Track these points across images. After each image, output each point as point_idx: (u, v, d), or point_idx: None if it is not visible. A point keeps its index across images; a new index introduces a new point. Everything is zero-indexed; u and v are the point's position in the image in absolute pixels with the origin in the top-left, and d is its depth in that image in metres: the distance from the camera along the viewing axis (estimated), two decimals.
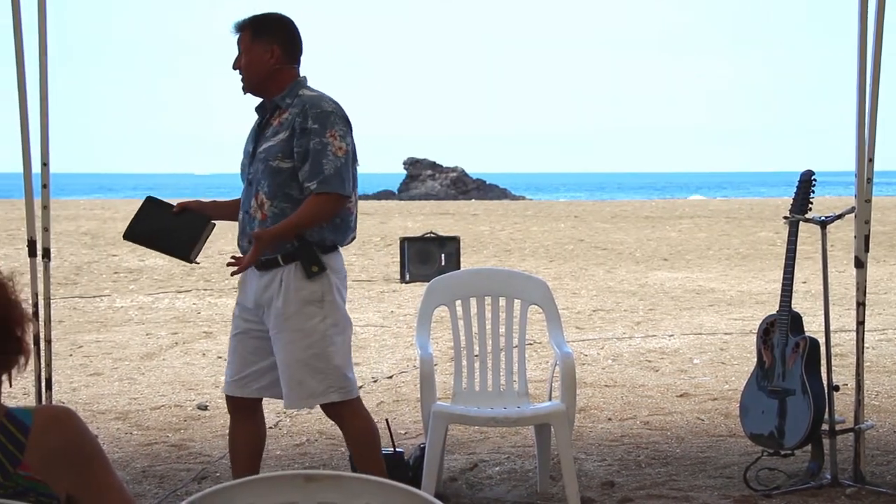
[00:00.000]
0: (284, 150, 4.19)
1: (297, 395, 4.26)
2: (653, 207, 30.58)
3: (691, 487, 5.13)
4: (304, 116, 4.18)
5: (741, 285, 13.44)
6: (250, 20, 4.30)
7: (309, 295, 4.20)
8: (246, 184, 4.32)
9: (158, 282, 13.70)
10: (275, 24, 4.31)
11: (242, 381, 4.37)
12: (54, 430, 2.28)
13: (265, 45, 4.26)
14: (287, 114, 4.23)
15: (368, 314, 11.06)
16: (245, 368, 4.35)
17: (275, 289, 4.22)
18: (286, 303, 4.20)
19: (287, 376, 4.24)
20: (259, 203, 4.23)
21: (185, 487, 5.20)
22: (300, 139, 4.17)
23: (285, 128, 4.21)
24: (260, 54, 4.26)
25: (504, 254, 17.85)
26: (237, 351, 4.38)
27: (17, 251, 16.20)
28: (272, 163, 4.20)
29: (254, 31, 4.27)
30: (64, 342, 9.13)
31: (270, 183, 4.21)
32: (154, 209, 4.44)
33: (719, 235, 20.95)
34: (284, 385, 4.26)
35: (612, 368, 8.16)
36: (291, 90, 4.27)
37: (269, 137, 4.25)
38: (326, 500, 2.14)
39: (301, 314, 4.20)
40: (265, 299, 4.25)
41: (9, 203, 30.07)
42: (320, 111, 4.18)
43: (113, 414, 6.74)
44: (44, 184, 5.00)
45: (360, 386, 7.54)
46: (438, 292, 5.17)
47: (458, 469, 5.45)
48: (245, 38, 4.29)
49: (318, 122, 4.16)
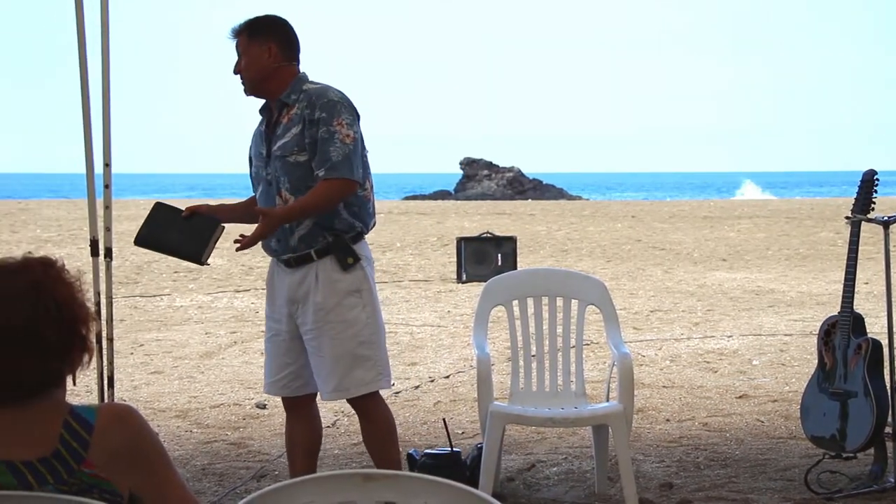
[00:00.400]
0: (299, 144, 4.25)
1: (346, 386, 4.29)
2: (711, 207, 30.31)
3: (751, 490, 5.08)
4: (311, 108, 4.24)
5: (801, 286, 13.28)
6: (245, 23, 4.37)
7: (348, 286, 4.26)
8: (265, 185, 4.35)
9: (217, 281, 13.82)
10: (270, 25, 4.37)
11: (281, 383, 4.43)
12: (118, 428, 2.30)
13: (262, 45, 4.32)
14: (295, 109, 4.29)
15: (425, 314, 11.07)
16: (281, 371, 4.41)
17: (310, 283, 4.27)
18: (326, 296, 4.25)
19: (335, 368, 4.27)
20: (284, 200, 4.27)
21: (244, 486, 5.25)
22: (310, 130, 4.23)
23: (296, 123, 4.27)
24: (258, 55, 4.31)
25: (561, 254, 17.79)
26: (272, 353, 4.44)
27: (79, 250, 16.42)
28: (289, 158, 4.26)
29: (249, 33, 4.33)
30: (125, 341, 9.25)
31: (291, 178, 4.26)
32: (164, 214, 4.50)
33: (779, 235, 20.73)
34: (332, 377, 4.28)
35: (670, 369, 8.10)
36: (295, 86, 4.32)
37: (281, 135, 4.29)
38: (384, 499, 2.15)
39: (342, 306, 4.25)
40: (300, 295, 4.29)
41: (71, 203, 30.49)
42: (327, 101, 4.24)
43: (173, 412, 6.81)
44: (106, 184, 5.06)
45: (417, 386, 7.57)
46: (495, 292, 5.17)
47: (516, 469, 5.44)
48: (242, 41, 4.34)
49: (326, 112, 4.23)
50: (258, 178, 4.40)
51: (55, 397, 2.36)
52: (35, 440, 2.29)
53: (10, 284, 2.28)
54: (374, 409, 4.40)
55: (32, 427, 2.31)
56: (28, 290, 2.28)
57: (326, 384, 4.31)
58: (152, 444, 2.34)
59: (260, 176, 4.39)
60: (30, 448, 2.28)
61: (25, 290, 2.28)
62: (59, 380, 2.35)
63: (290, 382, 4.42)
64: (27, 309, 2.26)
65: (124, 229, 21.49)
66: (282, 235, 4.29)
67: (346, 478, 2.15)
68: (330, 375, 4.29)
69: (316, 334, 4.28)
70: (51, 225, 21.96)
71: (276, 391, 4.48)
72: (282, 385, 4.43)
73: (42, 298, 2.28)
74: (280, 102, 4.32)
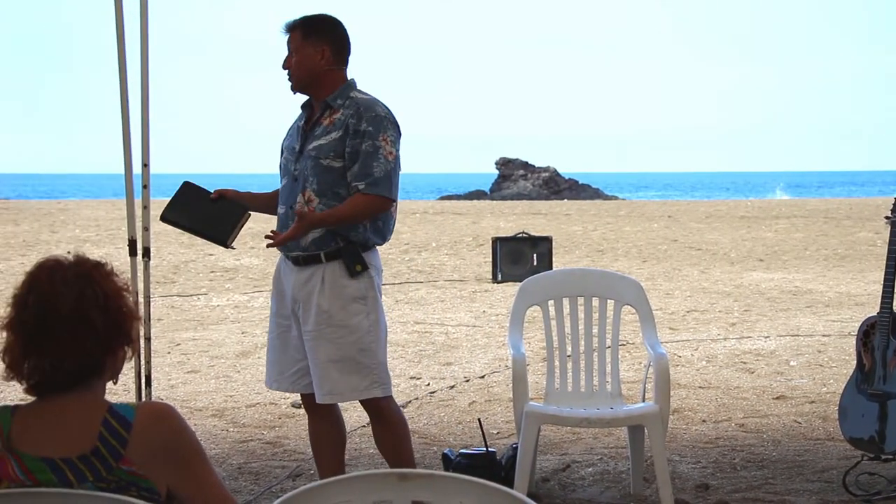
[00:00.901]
0: (336, 150, 4.25)
1: (340, 390, 4.30)
2: (748, 207, 30.12)
3: (788, 491, 5.05)
4: (358, 118, 4.24)
5: (840, 286, 13.18)
6: (301, 21, 4.35)
7: (354, 292, 4.27)
8: (290, 179, 4.37)
9: (254, 281, 13.88)
10: (326, 26, 4.36)
11: (290, 379, 4.44)
12: (156, 426, 2.33)
13: (315, 45, 4.31)
14: (339, 114, 4.28)
15: (460, 314, 11.07)
16: (291, 366, 4.42)
17: (315, 285, 4.28)
18: (330, 300, 4.26)
19: (330, 371, 4.28)
20: (307, 199, 4.28)
21: (279, 484, 5.27)
22: (352, 140, 4.23)
23: (337, 128, 4.27)
24: (310, 55, 4.31)
25: (596, 254, 17.73)
26: (280, 349, 4.44)
27: (117, 250, 16.55)
28: (323, 161, 4.26)
29: (304, 31, 4.33)
30: (162, 340, 9.31)
31: (320, 181, 4.27)
32: (192, 194, 4.52)
33: (817, 236, 20.57)
34: (325, 380, 4.30)
35: (706, 370, 8.06)
36: (342, 91, 4.32)
37: (319, 136, 4.30)
38: (420, 498, 2.15)
39: (346, 311, 4.26)
40: (303, 294, 4.30)
41: (110, 203, 30.73)
42: (375, 115, 4.25)
43: (210, 411, 6.85)
44: (144, 184, 5.11)
45: (452, 385, 7.57)
46: (531, 292, 5.16)
47: (551, 469, 5.44)
48: (295, 37, 4.33)
49: (372, 125, 4.23)
50: (285, 172, 4.42)
51: (96, 392, 2.40)
52: (75, 438, 2.32)
53: (62, 274, 2.37)
54: (386, 412, 4.41)
55: (72, 424, 2.34)
56: (78, 279, 2.36)
57: (321, 387, 4.32)
58: (190, 442, 2.36)
59: (287, 169, 4.40)
60: (69, 445, 2.31)
61: (76, 278, 2.36)
62: (101, 369, 2.39)
63: (299, 379, 4.42)
64: (76, 295, 2.34)
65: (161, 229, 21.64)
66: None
67: (382, 477, 2.16)
68: (324, 378, 4.30)
69: (315, 336, 4.29)
70: (89, 225, 22.15)
71: (286, 387, 4.49)
72: (291, 381, 4.44)
73: (91, 287, 2.36)
74: (325, 104, 4.33)
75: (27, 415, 2.36)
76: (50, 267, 2.39)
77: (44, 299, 2.34)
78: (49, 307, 2.33)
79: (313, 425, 4.55)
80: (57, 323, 2.33)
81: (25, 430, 2.33)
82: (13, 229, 21.07)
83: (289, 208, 4.35)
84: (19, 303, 2.37)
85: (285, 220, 4.36)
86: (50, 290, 2.35)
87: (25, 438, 2.32)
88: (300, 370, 4.41)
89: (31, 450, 2.31)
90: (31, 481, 2.29)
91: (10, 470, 2.30)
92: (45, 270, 2.39)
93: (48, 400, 2.37)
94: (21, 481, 2.29)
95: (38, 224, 22.34)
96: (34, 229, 21.10)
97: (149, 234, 5.14)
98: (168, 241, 17.72)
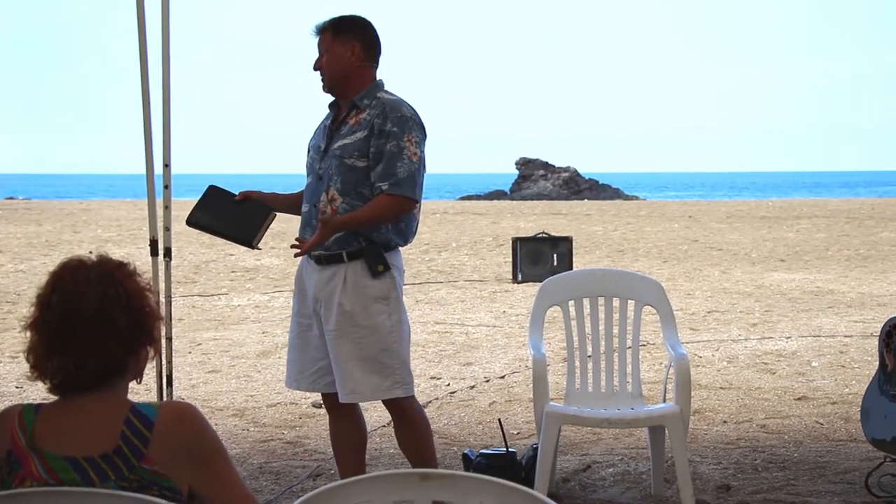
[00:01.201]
0: (361, 150, 4.27)
1: (362, 390, 4.31)
2: (769, 207, 30.00)
3: (810, 493, 5.03)
4: (383, 118, 4.26)
5: (862, 287, 13.11)
6: (331, 21, 4.39)
7: (376, 292, 4.28)
8: (315, 178, 4.38)
9: (274, 281, 13.91)
10: (356, 24, 4.40)
11: (311, 378, 4.44)
12: (178, 426, 2.34)
13: (346, 43, 4.34)
14: (365, 114, 4.30)
15: (480, 314, 11.07)
16: (312, 365, 4.42)
17: (336, 285, 4.28)
18: (352, 300, 4.26)
19: (352, 371, 4.28)
20: (330, 198, 4.30)
21: (300, 484, 5.28)
22: (377, 140, 4.25)
23: (363, 127, 4.28)
24: (341, 52, 4.34)
25: (617, 254, 17.70)
26: (301, 348, 4.44)
27: (139, 250, 16.62)
28: (347, 160, 4.27)
29: (335, 30, 4.36)
30: (183, 340, 9.34)
31: (344, 180, 4.28)
32: (217, 197, 4.55)
33: (839, 236, 20.47)
34: (347, 379, 4.30)
35: (727, 370, 8.04)
36: (370, 91, 4.34)
37: (344, 135, 4.31)
38: (441, 498, 2.15)
39: (368, 311, 4.27)
40: (325, 294, 4.31)
41: (131, 203, 30.87)
42: (400, 115, 4.27)
43: (230, 410, 6.87)
44: (165, 184, 5.12)
45: (472, 386, 7.57)
46: (551, 292, 5.15)
47: (571, 470, 5.43)
48: (326, 37, 4.37)
49: (398, 126, 4.25)
50: (310, 170, 4.44)
51: (118, 391, 2.41)
52: (97, 436, 2.33)
53: (86, 275, 2.38)
54: (408, 412, 4.41)
55: (95, 424, 2.35)
56: (101, 279, 2.38)
57: (343, 386, 4.33)
58: (212, 442, 2.37)
59: (312, 168, 4.42)
60: (92, 444, 2.32)
61: (99, 278, 2.38)
62: (124, 371, 2.40)
63: (319, 378, 4.43)
64: (99, 295, 2.36)
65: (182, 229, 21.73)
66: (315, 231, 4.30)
67: (403, 477, 2.16)
68: (346, 378, 4.30)
69: (337, 336, 4.30)
70: (111, 225, 22.25)
71: (306, 386, 4.49)
72: (311, 381, 4.45)
73: (113, 287, 2.38)
74: (351, 103, 4.34)
75: (50, 414, 2.37)
76: (74, 267, 2.40)
77: (67, 299, 2.36)
78: (73, 307, 2.35)
79: (334, 425, 4.56)
80: (80, 323, 2.35)
81: (49, 429, 2.35)
82: (36, 229, 21.19)
83: (312, 206, 4.37)
84: (43, 303, 2.39)
85: (308, 219, 4.38)
86: (74, 290, 2.36)
87: (49, 437, 2.34)
88: (320, 369, 4.42)
89: (54, 449, 2.32)
90: (54, 480, 2.30)
91: (33, 469, 2.32)
92: (68, 271, 2.40)
93: (71, 399, 2.39)
94: (44, 480, 2.30)
95: (60, 224, 22.46)
96: (56, 229, 21.21)
97: (170, 234, 5.16)
98: (189, 242, 17.78)
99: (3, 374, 7.95)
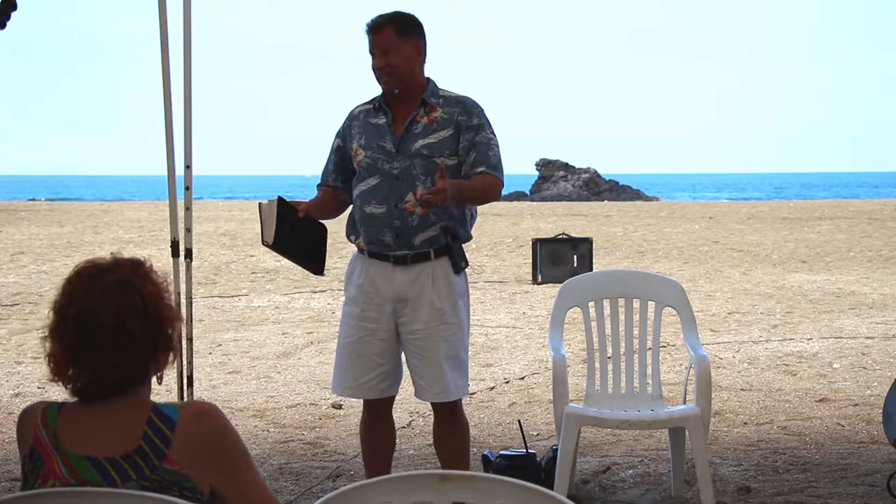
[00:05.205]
0: (451, 147, 4.29)
1: (450, 388, 4.32)
2: (791, 208, 29.88)
3: (831, 495, 5.01)
4: (468, 114, 4.31)
5: (884, 288, 13.04)
6: (390, 18, 4.29)
7: (460, 290, 4.35)
8: (386, 178, 4.28)
9: (294, 282, 13.94)
10: (414, 22, 4.37)
11: (368, 384, 4.38)
12: (199, 426, 2.34)
13: (412, 42, 4.31)
14: (439, 112, 4.30)
15: (500, 315, 11.06)
16: (371, 371, 4.36)
17: (424, 282, 4.28)
18: (442, 297, 4.28)
19: (443, 370, 4.29)
20: (417, 198, 4.23)
21: (320, 485, 5.29)
22: (465, 134, 4.29)
23: (445, 125, 4.29)
24: (410, 51, 4.30)
25: (637, 255, 17.66)
26: (359, 354, 4.35)
27: (159, 251, 16.66)
28: (437, 159, 4.26)
29: (398, 28, 4.29)
30: (204, 340, 9.37)
31: (434, 179, 4.21)
32: (287, 213, 4.35)
33: (861, 237, 20.36)
34: (439, 379, 4.29)
35: (748, 372, 8.01)
36: (433, 89, 4.36)
37: (425, 134, 4.29)
38: (460, 499, 2.16)
39: (455, 308, 4.31)
40: (412, 293, 4.29)
41: (152, 205, 30.98)
42: (480, 109, 4.36)
43: (251, 411, 6.89)
44: (186, 186, 5.13)
45: (492, 387, 7.57)
46: (571, 294, 5.15)
47: (591, 471, 5.42)
48: (389, 35, 4.27)
49: (482, 119, 4.34)
50: (374, 170, 4.31)
51: (140, 392, 2.41)
52: (119, 436, 2.34)
53: (100, 282, 2.35)
54: (459, 413, 4.45)
55: (116, 423, 2.35)
56: (116, 287, 2.35)
57: (432, 386, 4.30)
58: (233, 442, 2.37)
59: (379, 168, 4.30)
60: (114, 444, 2.33)
61: (114, 286, 2.35)
62: (144, 377, 2.40)
63: (378, 384, 4.38)
64: (116, 306, 2.33)
65: (202, 230, 21.78)
66: (403, 233, 4.26)
67: (423, 478, 2.16)
68: (437, 377, 4.29)
69: (426, 334, 4.28)
70: (132, 226, 22.34)
71: (361, 393, 4.42)
72: (369, 387, 4.38)
73: (129, 295, 2.35)
74: (422, 101, 4.32)
75: (73, 413, 2.38)
76: (88, 275, 2.36)
77: (84, 315, 2.32)
78: (90, 321, 2.32)
79: (370, 427, 4.49)
80: (97, 337, 2.32)
81: (71, 428, 2.35)
82: (58, 230, 21.29)
83: (393, 207, 4.27)
84: (60, 313, 2.36)
85: (389, 220, 4.27)
86: (89, 302, 2.33)
87: (71, 437, 2.34)
88: (380, 374, 4.37)
89: (76, 448, 2.33)
90: (76, 480, 2.31)
91: (56, 468, 2.32)
92: (83, 279, 2.36)
93: (92, 402, 2.39)
94: (67, 481, 2.31)
95: (81, 225, 22.56)
96: (78, 230, 21.31)
97: (191, 235, 5.17)
98: (209, 243, 17.84)
99: (26, 374, 8.00)
